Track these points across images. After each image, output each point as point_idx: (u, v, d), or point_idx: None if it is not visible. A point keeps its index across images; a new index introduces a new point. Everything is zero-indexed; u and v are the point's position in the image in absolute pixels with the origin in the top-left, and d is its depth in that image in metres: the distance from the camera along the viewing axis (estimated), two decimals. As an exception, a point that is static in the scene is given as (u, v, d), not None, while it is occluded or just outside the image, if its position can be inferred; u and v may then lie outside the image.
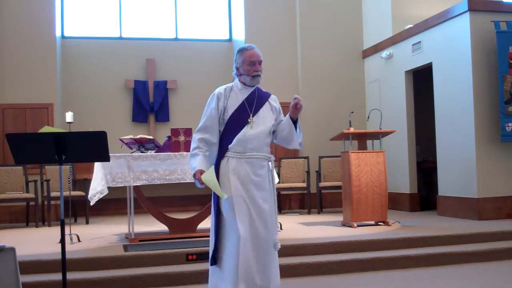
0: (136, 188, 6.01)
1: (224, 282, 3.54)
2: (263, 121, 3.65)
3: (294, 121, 3.75)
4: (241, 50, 3.68)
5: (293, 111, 3.69)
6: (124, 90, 9.98)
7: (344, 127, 8.14)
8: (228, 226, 3.53)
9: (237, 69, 3.71)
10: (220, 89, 3.73)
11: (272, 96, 3.84)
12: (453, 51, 7.78)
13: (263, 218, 3.54)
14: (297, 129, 3.79)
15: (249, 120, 3.60)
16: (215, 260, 3.61)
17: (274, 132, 3.79)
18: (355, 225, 6.76)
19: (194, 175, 3.54)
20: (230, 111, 3.61)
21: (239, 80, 3.73)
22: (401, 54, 9.03)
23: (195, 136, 3.64)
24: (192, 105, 10.16)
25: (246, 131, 3.57)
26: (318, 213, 8.98)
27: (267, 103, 3.74)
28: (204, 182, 3.48)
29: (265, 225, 3.54)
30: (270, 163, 3.69)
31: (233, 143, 3.56)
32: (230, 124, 3.60)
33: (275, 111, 3.78)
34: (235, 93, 3.69)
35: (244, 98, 3.66)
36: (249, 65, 3.62)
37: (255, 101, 3.66)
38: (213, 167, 3.49)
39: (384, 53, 9.37)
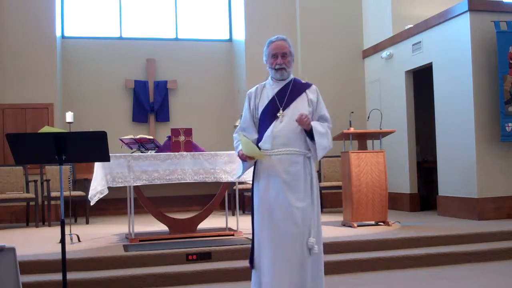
0: (136, 188, 6.01)
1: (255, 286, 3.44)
2: (296, 113, 3.39)
3: (309, 133, 3.44)
4: (268, 43, 3.60)
5: (299, 124, 3.41)
6: (124, 90, 9.99)
7: (344, 127, 8.12)
8: (257, 228, 3.44)
9: (266, 63, 3.62)
10: (252, 88, 3.63)
11: (312, 87, 3.59)
12: (453, 51, 7.77)
13: (292, 221, 3.32)
14: (315, 140, 3.42)
15: (278, 114, 3.43)
16: (252, 263, 3.46)
17: None
18: (355, 225, 6.76)
19: (239, 156, 3.44)
20: (261, 108, 3.50)
21: (270, 75, 3.61)
22: (401, 54, 9.02)
23: (234, 135, 3.60)
24: (192, 105, 10.17)
25: (274, 126, 3.41)
26: (318, 213, 8.96)
27: (303, 94, 3.51)
28: (247, 154, 3.37)
29: (294, 227, 3.32)
30: (309, 159, 3.45)
31: (262, 140, 3.44)
32: (261, 121, 3.49)
33: (312, 103, 3.51)
34: (266, 89, 3.56)
35: (274, 93, 3.50)
36: (272, 58, 3.52)
37: (287, 94, 3.47)
38: (246, 139, 3.39)
39: (384, 53, 9.37)
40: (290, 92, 3.49)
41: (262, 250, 3.35)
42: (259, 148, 3.44)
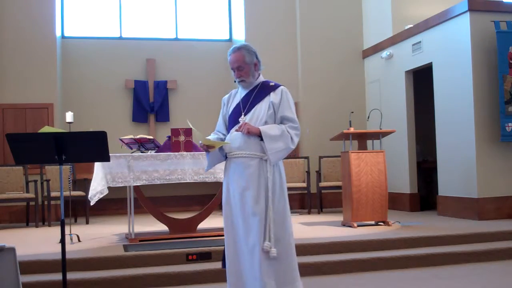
0: (136, 188, 6.01)
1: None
2: (256, 118, 3.45)
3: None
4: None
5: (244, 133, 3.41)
6: (124, 90, 9.98)
7: (344, 127, 8.13)
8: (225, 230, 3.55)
9: None
10: (227, 94, 3.73)
11: (279, 88, 3.52)
12: (453, 51, 7.78)
13: (245, 225, 3.35)
14: (265, 145, 3.37)
15: (240, 119, 3.47)
16: (224, 263, 3.55)
17: None
18: (355, 225, 6.76)
19: (201, 148, 3.51)
20: (229, 114, 3.61)
21: None
22: (401, 54, 9.02)
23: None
24: (192, 105, 10.17)
25: (232, 131, 3.50)
26: (318, 213, 8.98)
27: (266, 98, 3.48)
28: (204, 142, 3.41)
29: (247, 232, 3.34)
30: (266, 162, 3.40)
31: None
32: (228, 127, 3.60)
33: (273, 106, 3.46)
34: (237, 95, 3.64)
35: (241, 98, 3.57)
36: (232, 71, 3.58)
37: (250, 99, 3.51)
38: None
39: (384, 53, 9.37)
40: (254, 97, 3.51)
41: (226, 251, 3.46)
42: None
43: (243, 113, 3.48)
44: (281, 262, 3.39)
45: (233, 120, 3.53)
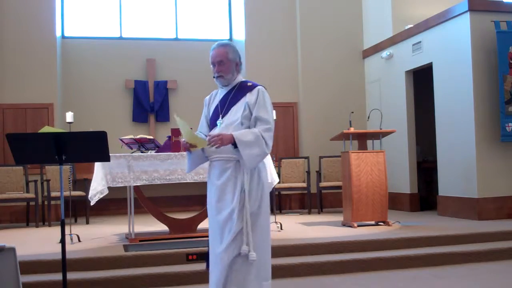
0: (136, 188, 6.01)
1: None
2: (229, 120, 3.35)
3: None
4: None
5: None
6: (124, 90, 9.98)
7: (344, 127, 8.13)
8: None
9: None
10: (209, 95, 3.61)
11: (255, 88, 3.38)
12: (453, 51, 7.77)
13: (220, 227, 3.31)
14: (240, 152, 3.24)
15: (217, 122, 3.39)
16: (208, 266, 3.52)
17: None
18: (355, 225, 6.76)
19: (184, 147, 3.39)
20: (210, 117, 3.51)
21: None
22: (401, 54, 9.02)
23: None
24: (192, 105, 10.15)
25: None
26: (318, 213, 8.98)
27: (242, 99, 3.36)
28: (188, 140, 3.29)
29: (222, 234, 3.29)
30: (239, 164, 3.29)
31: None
32: (210, 128, 3.48)
33: (248, 106, 3.33)
34: (217, 96, 3.52)
35: (219, 100, 3.46)
36: (212, 66, 3.46)
37: (227, 101, 3.40)
38: (185, 123, 3.30)
39: (384, 53, 9.37)
40: (231, 98, 3.40)
41: (210, 255, 3.46)
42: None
43: (220, 116, 3.39)
44: (261, 264, 3.30)
45: (212, 123, 3.45)
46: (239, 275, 3.26)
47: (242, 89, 3.41)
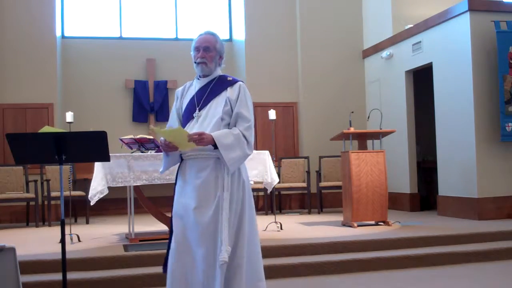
0: (136, 188, 6.01)
1: None
2: (209, 114, 3.19)
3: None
4: (196, 38, 3.33)
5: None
6: (124, 90, 9.98)
7: (344, 127, 8.13)
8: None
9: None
10: (181, 87, 3.43)
11: (236, 84, 3.25)
12: (453, 51, 7.77)
13: (200, 231, 3.07)
14: (221, 155, 3.10)
15: (194, 115, 3.21)
16: (166, 267, 3.24)
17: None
18: (355, 225, 6.76)
19: (161, 146, 3.18)
20: (183, 109, 3.30)
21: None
22: (401, 54, 9.02)
23: None
24: (192, 105, 10.16)
25: (189, 128, 3.19)
26: (318, 213, 8.98)
27: (223, 93, 3.22)
28: (163, 135, 3.11)
29: (199, 238, 3.07)
30: (219, 162, 3.14)
31: None
32: (183, 123, 3.28)
33: (229, 102, 3.19)
34: (191, 88, 3.34)
35: (196, 91, 3.27)
36: (194, 52, 3.28)
37: (206, 93, 3.23)
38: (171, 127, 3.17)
39: (384, 53, 9.37)
40: (210, 91, 3.24)
41: (171, 256, 3.15)
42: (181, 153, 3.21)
43: (197, 108, 3.21)
44: (251, 268, 3.17)
45: (187, 116, 3.26)
46: (229, 280, 3.08)
47: (222, 82, 3.27)
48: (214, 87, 3.25)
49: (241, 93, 3.23)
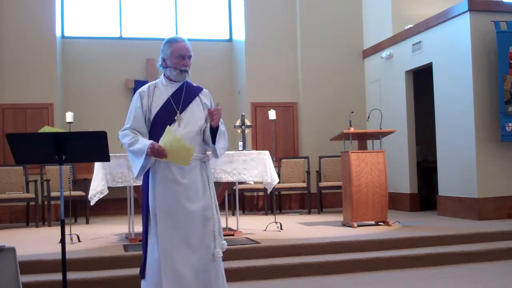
0: (136, 188, 6.01)
1: None
2: (193, 118, 3.31)
3: (214, 129, 3.31)
4: (170, 41, 3.41)
5: (210, 118, 3.27)
6: (124, 90, 9.98)
7: (344, 127, 8.13)
8: (152, 238, 3.27)
9: (164, 60, 3.44)
10: (144, 87, 3.44)
11: (204, 90, 3.46)
12: (453, 51, 7.77)
13: (192, 226, 3.19)
14: (216, 139, 3.30)
15: (176, 117, 3.27)
16: (143, 274, 3.29)
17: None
18: (355, 225, 6.76)
19: (152, 147, 3.13)
20: (155, 110, 3.31)
21: (164, 75, 3.46)
22: (401, 54, 9.03)
23: (124, 132, 3.32)
24: (192, 105, 10.16)
25: (171, 129, 3.22)
26: (318, 213, 8.98)
27: (196, 98, 3.38)
28: (166, 147, 3.12)
29: (194, 234, 3.19)
30: (205, 163, 3.35)
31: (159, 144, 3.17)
32: (156, 124, 3.29)
33: (206, 107, 3.38)
34: (159, 90, 3.39)
35: (169, 94, 3.34)
36: (177, 58, 3.37)
37: (182, 97, 3.33)
38: (169, 127, 3.15)
39: (384, 53, 9.37)
40: (185, 94, 3.36)
41: (163, 256, 3.17)
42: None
43: (178, 112, 3.28)
44: (220, 263, 3.32)
45: (165, 118, 3.27)
46: (214, 273, 3.23)
47: (192, 87, 3.42)
48: (188, 91, 3.39)
49: (212, 100, 3.47)
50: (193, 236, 3.21)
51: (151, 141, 3.19)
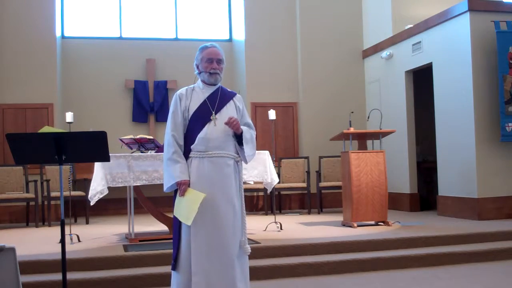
0: (136, 188, 6.01)
1: None
2: (227, 118, 3.48)
3: (239, 136, 3.53)
4: (201, 48, 3.64)
5: (229, 127, 3.49)
6: (124, 90, 9.98)
7: (344, 127, 8.13)
8: (185, 231, 3.44)
9: (197, 66, 3.66)
10: (182, 90, 3.65)
11: (237, 95, 3.72)
12: (453, 51, 7.78)
13: (224, 222, 3.40)
14: (243, 145, 3.52)
15: (211, 117, 3.49)
16: (175, 266, 3.47)
17: None
18: (355, 225, 6.76)
19: (179, 184, 3.40)
20: (192, 110, 3.53)
21: (200, 79, 3.66)
22: (401, 54, 9.03)
23: (170, 138, 3.51)
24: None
25: (208, 129, 3.47)
26: (318, 213, 8.98)
27: (231, 101, 3.63)
28: (186, 198, 3.37)
29: (225, 229, 3.40)
30: (237, 163, 3.57)
31: (195, 142, 3.46)
32: (192, 123, 3.51)
33: (239, 111, 3.65)
34: (196, 92, 3.60)
35: (206, 96, 3.56)
36: (206, 62, 3.57)
37: (217, 99, 3.57)
38: (201, 194, 3.35)
39: (384, 53, 9.37)
40: (220, 97, 3.59)
41: (193, 250, 3.37)
42: (190, 150, 3.48)
43: (213, 112, 3.52)
44: (246, 259, 3.55)
45: (201, 118, 3.50)
46: (239, 268, 3.45)
47: (226, 92, 3.66)
48: (222, 95, 3.62)
49: (242, 104, 3.72)
50: (224, 233, 3.39)
51: (183, 178, 3.41)
